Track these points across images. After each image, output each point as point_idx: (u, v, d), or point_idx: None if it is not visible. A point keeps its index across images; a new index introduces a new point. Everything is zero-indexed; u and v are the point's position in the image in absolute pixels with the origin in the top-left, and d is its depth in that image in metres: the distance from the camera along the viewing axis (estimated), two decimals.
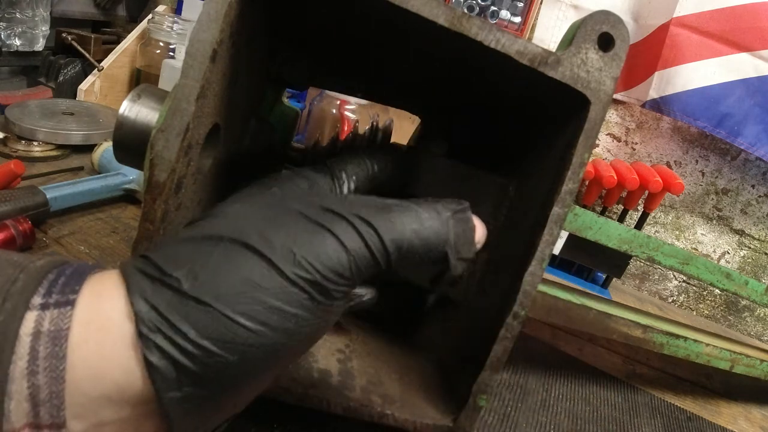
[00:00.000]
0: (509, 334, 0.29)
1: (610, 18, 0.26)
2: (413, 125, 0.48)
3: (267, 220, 0.20)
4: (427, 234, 0.22)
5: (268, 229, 0.20)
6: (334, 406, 0.30)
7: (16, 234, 0.40)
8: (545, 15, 0.91)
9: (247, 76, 0.31)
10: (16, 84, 0.86)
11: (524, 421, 0.41)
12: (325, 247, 0.19)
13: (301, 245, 0.19)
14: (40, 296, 0.17)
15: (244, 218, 0.21)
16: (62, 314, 0.17)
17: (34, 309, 0.17)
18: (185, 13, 0.87)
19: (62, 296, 0.18)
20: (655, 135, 0.93)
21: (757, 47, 0.78)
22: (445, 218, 0.22)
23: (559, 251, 0.78)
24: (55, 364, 0.16)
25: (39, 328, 0.17)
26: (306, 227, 0.20)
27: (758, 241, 0.95)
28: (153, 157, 0.24)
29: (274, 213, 0.21)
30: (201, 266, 0.18)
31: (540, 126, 0.33)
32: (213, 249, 0.19)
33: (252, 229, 0.19)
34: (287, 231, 0.19)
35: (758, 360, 0.50)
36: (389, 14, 0.25)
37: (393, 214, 0.21)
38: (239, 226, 0.20)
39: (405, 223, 0.21)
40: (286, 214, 0.20)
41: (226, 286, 0.18)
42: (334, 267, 0.19)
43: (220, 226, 0.20)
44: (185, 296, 0.18)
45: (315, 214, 0.20)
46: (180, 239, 0.20)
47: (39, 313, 0.17)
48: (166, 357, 0.17)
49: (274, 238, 0.19)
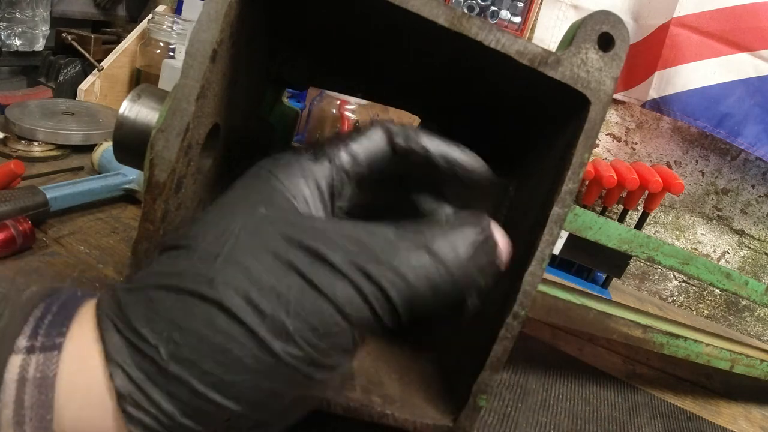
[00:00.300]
0: (509, 334, 0.29)
1: (610, 18, 0.26)
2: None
3: (251, 274, 0.17)
4: (444, 286, 0.18)
5: (255, 290, 0.17)
6: (334, 406, 0.30)
7: (16, 234, 0.40)
8: (545, 15, 0.91)
9: (247, 76, 0.31)
10: (16, 84, 0.86)
11: (524, 421, 0.41)
12: (323, 316, 0.17)
13: (294, 315, 0.17)
14: (26, 337, 0.17)
15: (229, 262, 0.17)
16: (48, 359, 0.16)
17: (20, 352, 0.16)
18: (185, 13, 0.87)
19: (48, 339, 0.17)
20: (655, 135, 0.93)
21: (757, 47, 0.78)
22: (466, 257, 0.19)
23: (559, 251, 0.77)
24: (42, 414, 0.16)
25: (24, 375, 0.16)
26: (299, 288, 0.17)
27: (758, 241, 0.95)
28: (153, 157, 0.24)
29: (260, 262, 0.17)
30: (181, 332, 0.17)
31: (540, 126, 0.33)
32: (193, 310, 0.17)
33: (236, 288, 0.17)
34: (277, 292, 0.17)
35: (758, 360, 0.50)
36: (389, 14, 0.25)
37: (401, 258, 0.18)
38: (222, 276, 0.17)
39: (417, 272, 0.18)
40: (274, 263, 0.17)
41: (209, 362, 0.16)
42: (333, 341, 0.17)
43: (200, 268, 0.18)
44: (164, 370, 0.16)
45: (307, 268, 0.17)
46: (158, 283, 0.18)
47: (24, 357, 0.16)
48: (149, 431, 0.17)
49: (261, 302, 0.17)
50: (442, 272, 0.18)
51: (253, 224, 0.18)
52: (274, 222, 0.18)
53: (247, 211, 0.19)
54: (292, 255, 0.17)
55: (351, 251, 0.18)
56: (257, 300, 0.17)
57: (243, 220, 0.19)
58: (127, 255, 0.37)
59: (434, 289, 0.18)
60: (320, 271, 0.17)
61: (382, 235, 0.18)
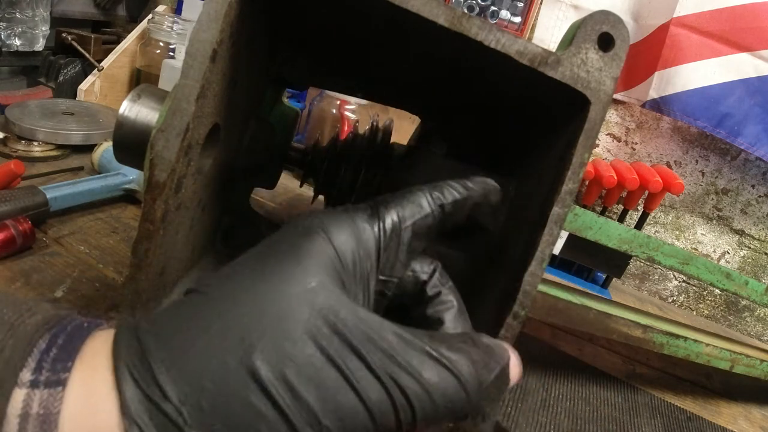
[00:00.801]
0: (509, 334, 0.29)
1: (610, 18, 0.26)
2: (413, 125, 0.48)
3: (291, 350, 0.17)
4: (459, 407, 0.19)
5: (291, 370, 0.16)
6: None
7: (16, 234, 0.40)
8: (545, 15, 0.91)
9: (247, 76, 0.31)
10: (16, 84, 0.86)
11: (524, 421, 0.41)
12: (356, 416, 0.17)
13: (329, 409, 0.16)
14: (30, 371, 0.16)
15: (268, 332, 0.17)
16: (52, 396, 0.16)
17: (23, 386, 0.16)
18: (185, 13, 0.87)
19: (53, 374, 0.16)
20: (655, 135, 0.93)
21: (757, 47, 0.78)
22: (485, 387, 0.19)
23: (559, 251, 0.77)
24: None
25: (28, 410, 0.16)
26: (337, 380, 0.17)
27: (758, 241, 0.95)
28: (153, 157, 0.24)
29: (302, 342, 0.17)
30: (209, 402, 0.16)
31: (540, 126, 0.33)
32: (227, 380, 0.16)
33: (273, 362, 0.16)
34: (316, 380, 0.17)
35: (758, 360, 0.50)
36: (389, 14, 0.25)
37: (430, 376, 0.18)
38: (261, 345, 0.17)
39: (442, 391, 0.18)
40: (314, 347, 0.17)
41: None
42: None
43: (237, 331, 0.17)
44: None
45: (347, 362, 0.17)
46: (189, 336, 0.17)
47: (28, 391, 0.16)
48: None
49: (299, 386, 0.16)
50: (462, 397, 0.19)
51: (299, 297, 0.18)
52: (321, 303, 0.18)
53: (296, 278, 0.18)
54: (333, 346, 0.17)
55: (388, 355, 0.18)
56: (294, 382, 0.16)
57: (292, 289, 0.18)
58: (127, 255, 0.37)
59: (451, 408, 0.19)
60: (358, 369, 0.17)
61: (416, 345, 0.18)
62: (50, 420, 0.16)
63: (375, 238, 0.21)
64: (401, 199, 0.23)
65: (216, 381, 0.16)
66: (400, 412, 0.17)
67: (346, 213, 0.21)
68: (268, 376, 0.16)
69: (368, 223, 0.21)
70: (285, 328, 0.17)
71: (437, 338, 0.19)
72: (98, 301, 0.39)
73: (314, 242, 0.20)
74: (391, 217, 0.22)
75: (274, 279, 0.18)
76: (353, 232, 0.21)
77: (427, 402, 0.18)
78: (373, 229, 0.21)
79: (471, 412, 0.20)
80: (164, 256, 0.28)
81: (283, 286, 0.18)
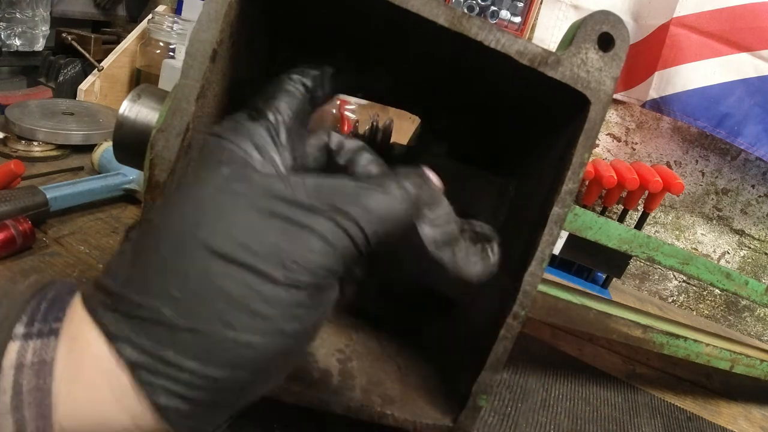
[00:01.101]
0: (509, 334, 0.29)
1: (610, 18, 0.26)
2: (413, 125, 0.48)
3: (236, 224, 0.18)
4: (398, 215, 0.21)
5: (243, 235, 0.18)
6: (334, 406, 0.30)
7: (16, 234, 0.40)
8: (545, 15, 0.91)
9: (247, 76, 0.31)
10: (16, 84, 0.86)
11: (524, 421, 0.41)
12: (312, 246, 0.18)
13: (286, 249, 0.18)
14: (23, 325, 0.17)
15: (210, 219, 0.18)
16: (45, 345, 0.17)
17: (17, 339, 0.16)
18: (185, 13, 0.87)
19: (44, 325, 0.17)
20: (655, 135, 0.93)
21: (757, 47, 0.78)
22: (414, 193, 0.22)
23: (559, 251, 0.77)
24: (41, 399, 0.16)
25: (22, 360, 0.16)
26: (285, 229, 0.18)
27: (758, 241, 0.95)
28: (153, 157, 0.24)
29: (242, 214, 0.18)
30: (179, 288, 0.17)
31: (540, 126, 0.33)
32: (188, 266, 0.17)
33: (225, 236, 0.18)
34: (265, 235, 0.18)
35: (758, 360, 0.50)
36: (389, 14, 0.25)
37: (365, 199, 0.20)
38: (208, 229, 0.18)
39: (380, 209, 0.20)
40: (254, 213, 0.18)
41: (215, 305, 0.17)
42: (323, 264, 0.19)
43: (184, 230, 0.18)
44: (173, 327, 0.17)
45: (288, 212, 0.19)
46: (137, 246, 0.18)
47: (22, 343, 0.16)
48: (175, 395, 0.17)
49: (253, 244, 0.18)
50: (396, 205, 0.21)
51: (223, 183, 0.19)
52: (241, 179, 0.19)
53: (211, 174, 0.20)
54: (269, 203, 0.19)
55: (323, 195, 0.19)
56: (247, 241, 0.17)
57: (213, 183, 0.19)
58: None
59: (394, 219, 0.21)
60: (300, 213, 0.19)
61: (343, 182, 0.20)
62: (45, 368, 0.16)
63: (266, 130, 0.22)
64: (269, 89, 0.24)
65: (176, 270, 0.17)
66: (352, 234, 0.19)
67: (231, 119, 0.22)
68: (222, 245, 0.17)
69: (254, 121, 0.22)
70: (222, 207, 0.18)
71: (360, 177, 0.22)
72: None
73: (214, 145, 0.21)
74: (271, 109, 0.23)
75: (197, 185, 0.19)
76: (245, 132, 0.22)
77: (369, 217, 0.20)
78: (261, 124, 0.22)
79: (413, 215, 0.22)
80: None
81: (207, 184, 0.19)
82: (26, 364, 0.16)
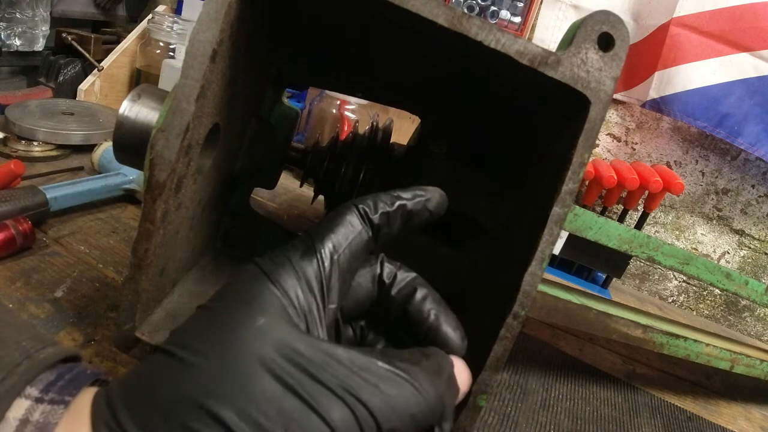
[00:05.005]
0: (509, 334, 0.29)
1: (610, 18, 0.26)
2: (413, 125, 0.48)
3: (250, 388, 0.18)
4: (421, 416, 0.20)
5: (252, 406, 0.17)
6: None
7: (16, 234, 0.40)
8: (545, 15, 0.91)
9: (247, 76, 0.31)
10: (16, 84, 0.86)
11: (524, 421, 0.41)
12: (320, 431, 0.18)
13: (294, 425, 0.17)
14: (38, 390, 0.18)
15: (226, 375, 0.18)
16: (54, 410, 0.18)
17: (29, 399, 0.18)
18: (185, 13, 0.87)
19: (58, 395, 0.18)
20: (655, 135, 0.93)
21: (757, 47, 0.78)
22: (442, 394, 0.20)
23: (559, 251, 0.77)
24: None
25: (28, 417, 0.17)
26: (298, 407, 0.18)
27: (758, 241, 0.95)
28: (153, 157, 0.24)
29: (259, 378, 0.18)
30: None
31: (540, 126, 0.33)
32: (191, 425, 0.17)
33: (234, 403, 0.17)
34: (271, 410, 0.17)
35: (758, 360, 0.50)
36: (389, 14, 0.25)
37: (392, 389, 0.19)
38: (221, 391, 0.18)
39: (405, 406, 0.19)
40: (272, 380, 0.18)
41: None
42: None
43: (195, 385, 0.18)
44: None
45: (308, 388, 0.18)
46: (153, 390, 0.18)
47: (32, 403, 0.18)
48: None
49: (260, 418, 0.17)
50: (422, 406, 0.20)
51: (252, 337, 0.19)
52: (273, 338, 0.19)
53: (245, 321, 0.19)
54: (290, 375, 0.18)
55: (344, 375, 0.19)
56: (256, 416, 0.17)
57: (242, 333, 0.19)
58: (127, 255, 0.37)
59: (414, 417, 0.19)
60: (318, 393, 0.18)
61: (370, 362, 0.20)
62: (47, 428, 0.17)
63: (315, 272, 0.21)
64: (331, 223, 0.23)
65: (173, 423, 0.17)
66: (364, 427, 0.18)
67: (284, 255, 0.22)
68: (231, 418, 0.17)
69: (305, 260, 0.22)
70: (241, 368, 0.18)
71: (389, 353, 0.21)
72: (98, 301, 0.39)
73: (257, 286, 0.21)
74: (327, 248, 0.22)
75: (226, 327, 0.19)
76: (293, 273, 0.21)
77: (390, 413, 0.19)
78: (312, 265, 0.22)
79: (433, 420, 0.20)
80: (164, 256, 0.28)
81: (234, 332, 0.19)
82: (32, 421, 0.17)
